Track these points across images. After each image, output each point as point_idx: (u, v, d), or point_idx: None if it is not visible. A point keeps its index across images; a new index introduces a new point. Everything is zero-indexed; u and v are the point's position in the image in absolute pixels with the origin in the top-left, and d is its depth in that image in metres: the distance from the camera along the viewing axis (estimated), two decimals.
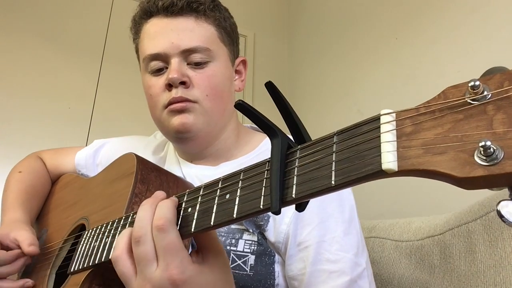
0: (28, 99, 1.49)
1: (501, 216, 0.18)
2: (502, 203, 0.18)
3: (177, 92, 0.60)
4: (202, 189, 0.39)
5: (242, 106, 0.29)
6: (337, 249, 0.53)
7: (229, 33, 0.68)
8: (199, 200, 0.38)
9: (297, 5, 2.16)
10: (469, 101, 0.21)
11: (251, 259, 0.55)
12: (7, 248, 0.63)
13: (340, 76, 1.69)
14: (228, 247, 0.55)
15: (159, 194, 0.41)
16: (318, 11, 1.95)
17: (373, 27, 1.54)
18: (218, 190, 0.36)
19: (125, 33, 0.72)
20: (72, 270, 0.52)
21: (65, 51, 1.60)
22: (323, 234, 0.54)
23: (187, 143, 0.65)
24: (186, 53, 0.61)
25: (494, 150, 0.19)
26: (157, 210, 0.38)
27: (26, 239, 0.62)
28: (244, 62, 0.73)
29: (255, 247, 0.56)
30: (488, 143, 0.19)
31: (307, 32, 2.03)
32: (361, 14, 1.63)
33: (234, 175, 0.35)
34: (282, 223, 0.56)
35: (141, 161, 0.59)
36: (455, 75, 1.16)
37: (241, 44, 2.28)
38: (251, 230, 0.56)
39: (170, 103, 0.61)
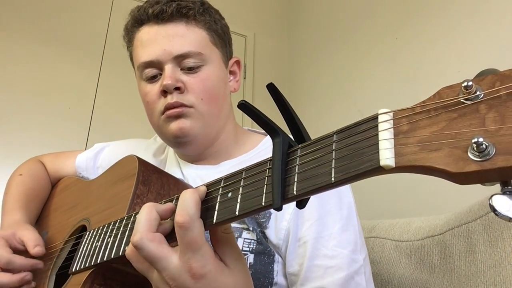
0: (28, 99, 1.49)
1: (494, 210, 0.19)
2: (494, 197, 0.19)
3: (172, 98, 0.61)
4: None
5: (244, 106, 0.30)
6: (334, 245, 0.54)
7: (220, 35, 0.68)
8: None
9: (297, 5, 2.17)
10: (462, 100, 0.22)
11: (250, 257, 0.56)
12: (14, 249, 0.63)
13: (340, 76, 1.70)
14: None
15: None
16: (318, 11, 1.96)
17: (373, 27, 1.55)
18: (220, 189, 0.36)
19: None
20: (73, 270, 0.53)
21: (65, 51, 1.60)
22: (320, 230, 0.55)
23: (186, 147, 0.66)
24: (179, 59, 0.62)
25: (486, 146, 0.19)
26: (179, 203, 0.36)
27: (30, 239, 0.63)
28: (238, 63, 0.73)
29: (254, 246, 0.56)
30: (481, 139, 0.19)
31: (307, 32, 2.03)
32: (361, 14, 1.64)
33: (236, 174, 0.36)
34: (283, 220, 0.56)
35: (142, 163, 0.59)
36: (455, 75, 1.16)
37: (241, 44, 2.28)
38: (251, 228, 0.57)
39: (166, 108, 0.62)
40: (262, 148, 0.68)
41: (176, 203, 0.37)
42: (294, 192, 0.28)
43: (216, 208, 0.36)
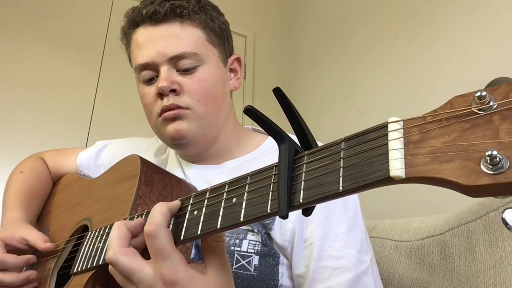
0: (28, 99, 1.49)
1: (506, 223, 0.19)
2: (507, 211, 0.19)
3: (168, 100, 0.61)
4: (208, 192, 0.39)
5: (250, 111, 0.30)
6: (341, 245, 0.53)
7: (218, 34, 0.67)
8: (205, 203, 0.38)
9: (296, 5, 2.16)
10: (475, 111, 0.21)
11: (255, 259, 0.55)
12: (14, 249, 0.63)
13: (340, 76, 1.69)
14: (232, 248, 0.56)
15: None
16: (318, 11, 1.96)
17: (373, 27, 1.55)
18: (225, 194, 0.36)
19: None
20: (75, 271, 0.53)
21: (65, 51, 1.60)
22: (326, 231, 0.54)
23: (185, 148, 0.65)
24: (174, 60, 0.61)
25: (500, 159, 0.19)
26: (149, 215, 0.38)
27: (37, 236, 0.63)
28: (238, 60, 0.72)
29: (259, 248, 0.56)
30: (495, 152, 0.19)
31: (307, 32, 2.03)
32: (361, 14, 1.64)
33: (241, 179, 0.35)
34: (288, 221, 0.56)
35: (145, 163, 0.59)
36: (455, 75, 1.16)
37: (241, 44, 2.27)
38: (256, 230, 0.57)
39: (163, 111, 0.61)
40: (265, 148, 0.68)
41: (147, 217, 0.39)
42: (301, 200, 0.28)
43: (220, 214, 0.35)
